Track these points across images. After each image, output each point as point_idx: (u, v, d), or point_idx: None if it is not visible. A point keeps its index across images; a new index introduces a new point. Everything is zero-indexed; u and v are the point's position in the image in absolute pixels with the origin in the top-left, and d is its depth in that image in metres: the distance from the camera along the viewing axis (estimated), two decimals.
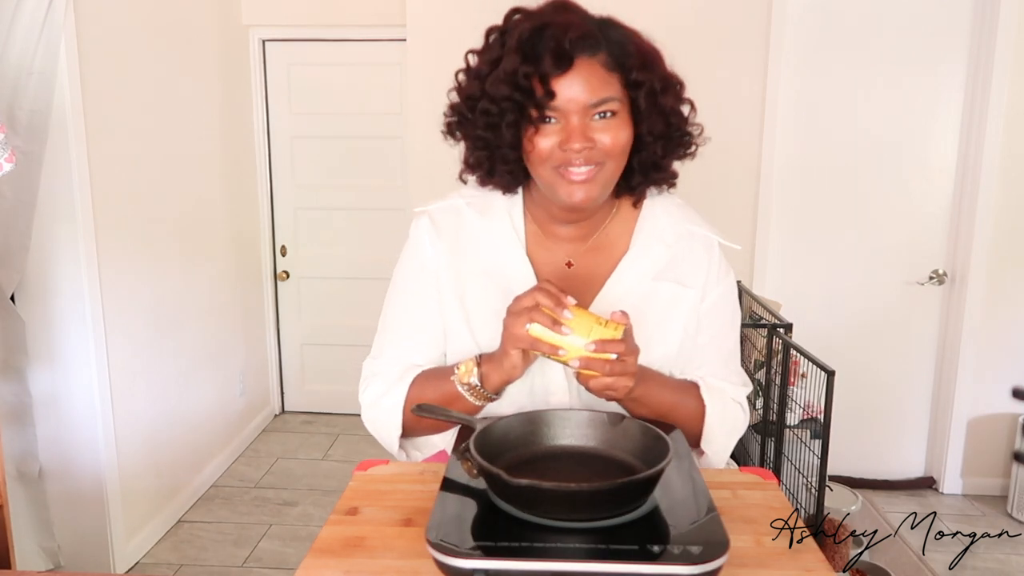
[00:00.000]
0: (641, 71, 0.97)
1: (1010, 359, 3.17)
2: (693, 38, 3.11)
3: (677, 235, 1.10)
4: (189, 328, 3.14)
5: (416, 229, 1.12)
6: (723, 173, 3.19)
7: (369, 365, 1.13)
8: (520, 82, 0.93)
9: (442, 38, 3.17)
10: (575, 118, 0.95)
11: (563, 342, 0.92)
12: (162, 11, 2.92)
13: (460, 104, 1.02)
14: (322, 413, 4.08)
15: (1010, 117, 2.99)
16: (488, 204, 1.10)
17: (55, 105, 2.27)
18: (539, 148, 0.97)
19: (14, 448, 2.36)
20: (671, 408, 1.05)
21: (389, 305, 1.14)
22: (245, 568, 2.67)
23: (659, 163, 1.05)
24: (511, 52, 0.94)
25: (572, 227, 1.08)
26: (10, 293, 2.28)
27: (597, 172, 0.98)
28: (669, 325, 1.08)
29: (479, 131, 1.00)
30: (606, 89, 0.95)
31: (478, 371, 1.00)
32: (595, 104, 0.95)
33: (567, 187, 0.98)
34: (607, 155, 0.97)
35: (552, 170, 0.98)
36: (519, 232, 1.08)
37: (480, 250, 1.08)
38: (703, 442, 1.08)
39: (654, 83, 0.98)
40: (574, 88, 0.94)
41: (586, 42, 0.94)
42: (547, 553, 0.73)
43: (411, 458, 1.15)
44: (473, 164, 1.06)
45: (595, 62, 0.95)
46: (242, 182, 3.71)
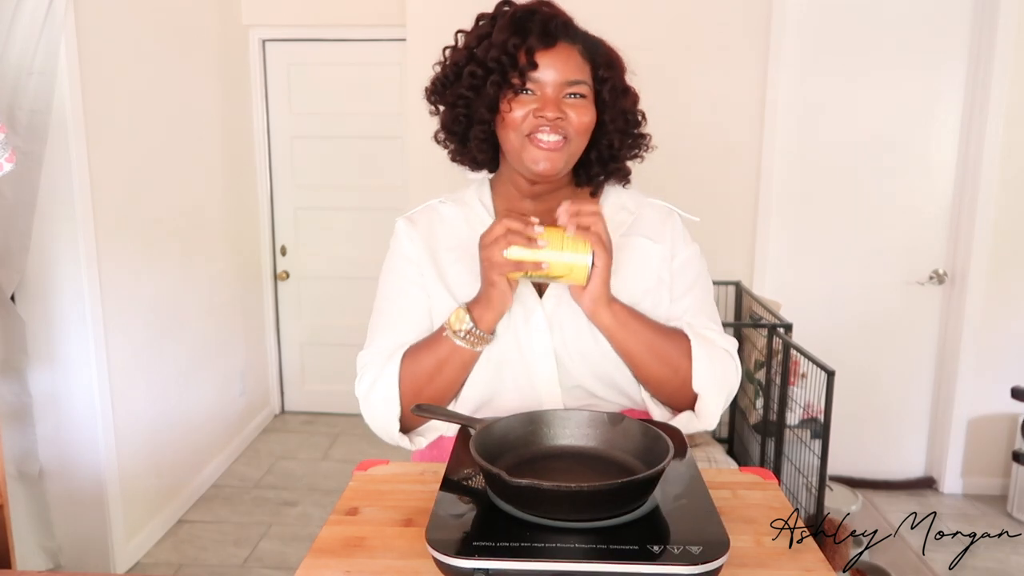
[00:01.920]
0: (607, 69, 1.11)
1: (1010, 359, 3.17)
2: (694, 38, 3.12)
3: (638, 203, 1.20)
4: (189, 328, 3.14)
5: (395, 231, 1.21)
6: (723, 173, 3.19)
7: (360, 357, 1.15)
8: (509, 50, 1.05)
9: (442, 38, 3.13)
10: (551, 90, 1.06)
11: (543, 256, 0.98)
12: (162, 11, 2.92)
13: (446, 70, 1.13)
14: (322, 413, 4.08)
15: (1010, 117, 2.99)
16: (459, 196, 1.21)
17: (55, 105, 2.27)
18: (514, 115, 1.07)
19: (14, 448, 2.36)
20: (654, 341, 1.06)
21: (376, 300, 1.20)
22: (245, 568, 2.67)
23: (615, 155, 1.15)
24: (503, 27, 1.06)
25: (537, 203, 1.15)
26: (10, 293, 2.28)
27: (563, 145, 1.07)
28: (644, 274, 1.13)
29: (462, 90, 1.10)
30: (579, 72, 1.08)
31: (469, 316, 1.03)
32: (570, 83, 1.07)
33: (534, 153, 1.07)
34: (574, 130, 1.07)
35: (523, 137, 1.07)
36: (489, 210, 1.18)
37: (454, 231, 1.17)
38: (694, 385, 1.06)
39: (617, 83, 1.12)
40: (554, 64, 1.06)
41: (568, 30, 1.08)
42: (547, 553, 0.73)
43: (415, 444, 1.15)
44: (450, 126, 1.15)
45: (573, 49, 1.08)
46: (242, 182, 3.71)
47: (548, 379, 1.09)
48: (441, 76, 1.13)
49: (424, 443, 1.16)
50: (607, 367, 1.09)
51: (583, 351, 1.08)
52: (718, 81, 3.14)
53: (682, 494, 0.85)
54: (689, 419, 1.09)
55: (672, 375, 1.07)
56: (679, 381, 1.07)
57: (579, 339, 1.08)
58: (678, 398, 1.09)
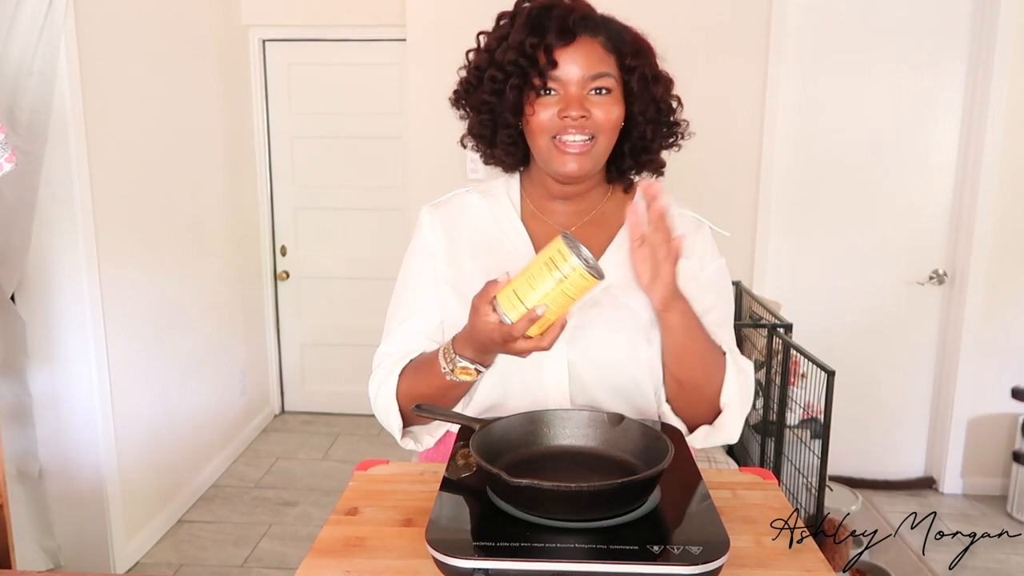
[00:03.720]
0: (635, 58, 1.06)
1: (1010, 359, 3.17)
2: (694, 39, 3.11)
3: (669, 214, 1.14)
4: (189, 328, 3.14)
5: (418, 221, 1.18)
6: (723, 173, 3.19)
7: (377, 353, 1.15)
8: (527, 51, 1.02)
9: (442, 38, 3.17)
10: (574, 88, 1.03)
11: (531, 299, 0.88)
12: (162, 11, 2.92)
13: (469, 76, 1.11)
14: (322, 413, 4.08)
15: (1010, 117, 2.99)
16: (488, 187, 1.19)
17: (55, 105, 2.27)
18: (539, 117, 1.04)
19: (14, 448, 2.36)
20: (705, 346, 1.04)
21: (394, 292, 1.19)
22: (245, 568, 2.67)
23: (648, 147, 1.11)
24: (520, 27, 1.04)
25: (568, 204, 1.14)
26: (10, 293, 2.28)
27: (590, 146, 1.04)
28: None
29: (484, 95, 1.08)
30: (603, 65, 1.04)
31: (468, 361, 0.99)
32: (593, 77, 1.03)
33: (561, 157, 1.05)
34: (600, 129, 1.04)
35: (549, 140, 1.05)
36: (516, 206, 1.16)
37: (478, 224, 1.15)
38: (722, 398, 1.05)
39: (646, 71, 1.07)
40: (575, 60, 1.03)
41: (588, 22, 1.04)
42: (547, 553, 0.73)
43: (421, 442, 1.15)
44: (477, 132, 1.13)
45: (595, 41, 1.04)
46: (242, 182, 3.71)
47: (559, 388, 1.07)
48: (464, 81, 1.12)
49: (432, 442, 1.16)
50: (620, 378, 1.08)
51: (598, 360, 1.07)
52: (718, 81, 3.14)
53: (682, 494, 0.85)
54: (707, 434, 1.08)
55: (706, 383, 1.05)
56: (711, 391, 1.06)
57: (595, 349, 1.06)
58: (699, 410, 1.08)
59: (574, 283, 0.87)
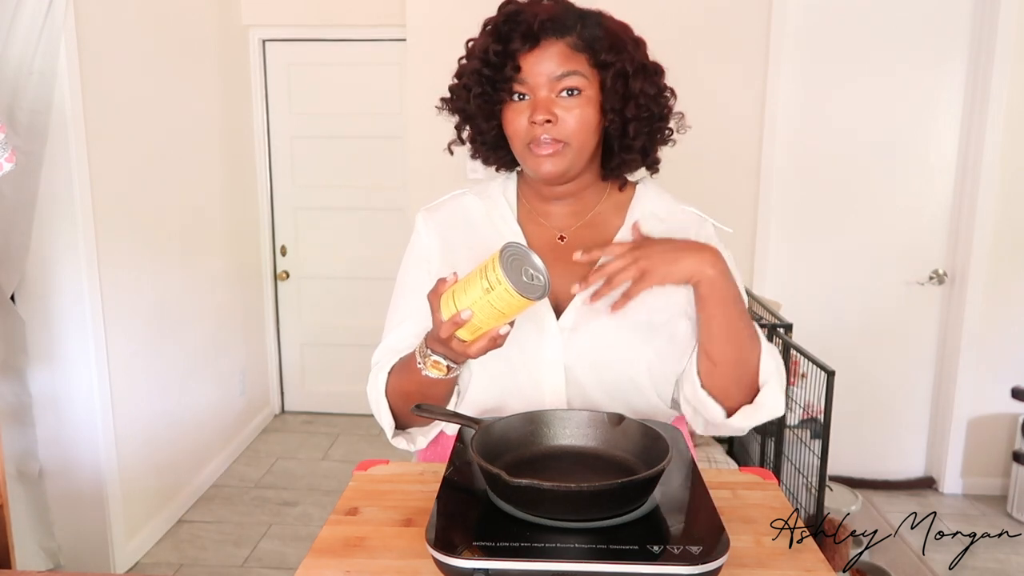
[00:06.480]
0: (610, 53, 1.02)
1: (1010, 359, 3.17)
2: (694, 39, 3.12)
3: (670, 211, 1.14)
4: (189, 328, 3.14)
5: (415, 223, 1.19)
6: (723, 173, 3.19)
7: (374, 354, 1.16)
8: (490, 59, 1.02)
9: (442, 38, 3.17)
10: (542, 91, 1.02)
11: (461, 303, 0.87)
12: (162, 11, 2.92)
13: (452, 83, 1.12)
14: (322, 413, 4.08)
15: (1010, 117, 2.99)
16: (485, 188, 1.19)
17: (55, 105, 2.27)
18: (513, 125, 1.05)
19: (14, 448, 2.36)
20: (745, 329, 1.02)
21: (393, 294, 1.20)
22: (245, 568, 2.67)
23: (630, 144, 1.08)
24: (485, 35, 1.04)
25: (564, 205, 1.13)
26: (10, 293, 2.28)
27: (562, 148, 1.03)
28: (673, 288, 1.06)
29: (460, 103, 1.10)
30: (569, 64, 1.02)
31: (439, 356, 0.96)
32: (559, 76, 1.01)
33: (535, 159, 1.04)
34: (571, 134, 1.02)
35: (524, 147, 1.05)
36: (512, 207, 1.15)
37: (474, 226, 1.15)
38: (761, 375, 1.03)
39: (624, 65, 1.03)
40: (539, 63, 1.02)
41: (554, 24, 1.01)
42: (547, 553, 0.73)
43: (415, 442, 1.15)
44: (460, 136, 1.15)
45: (561, 42, 1.02)
46: (242, 182, 3.71)
47: (555, 391, 1.07)
48: (451, 88, 1.13)
49: (425, 442, 1.16)
50: (617, 380, 1.07)
51: (595, 362, 1.06)
52: (718, 81, 3.14)
53: (682, 494, 0.85)
54: (748, 414, 1.04)
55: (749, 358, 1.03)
56: (751, 369, 1.04)
57: (593, 349, 1.06)
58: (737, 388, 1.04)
59: (500, 297, 0.84)
